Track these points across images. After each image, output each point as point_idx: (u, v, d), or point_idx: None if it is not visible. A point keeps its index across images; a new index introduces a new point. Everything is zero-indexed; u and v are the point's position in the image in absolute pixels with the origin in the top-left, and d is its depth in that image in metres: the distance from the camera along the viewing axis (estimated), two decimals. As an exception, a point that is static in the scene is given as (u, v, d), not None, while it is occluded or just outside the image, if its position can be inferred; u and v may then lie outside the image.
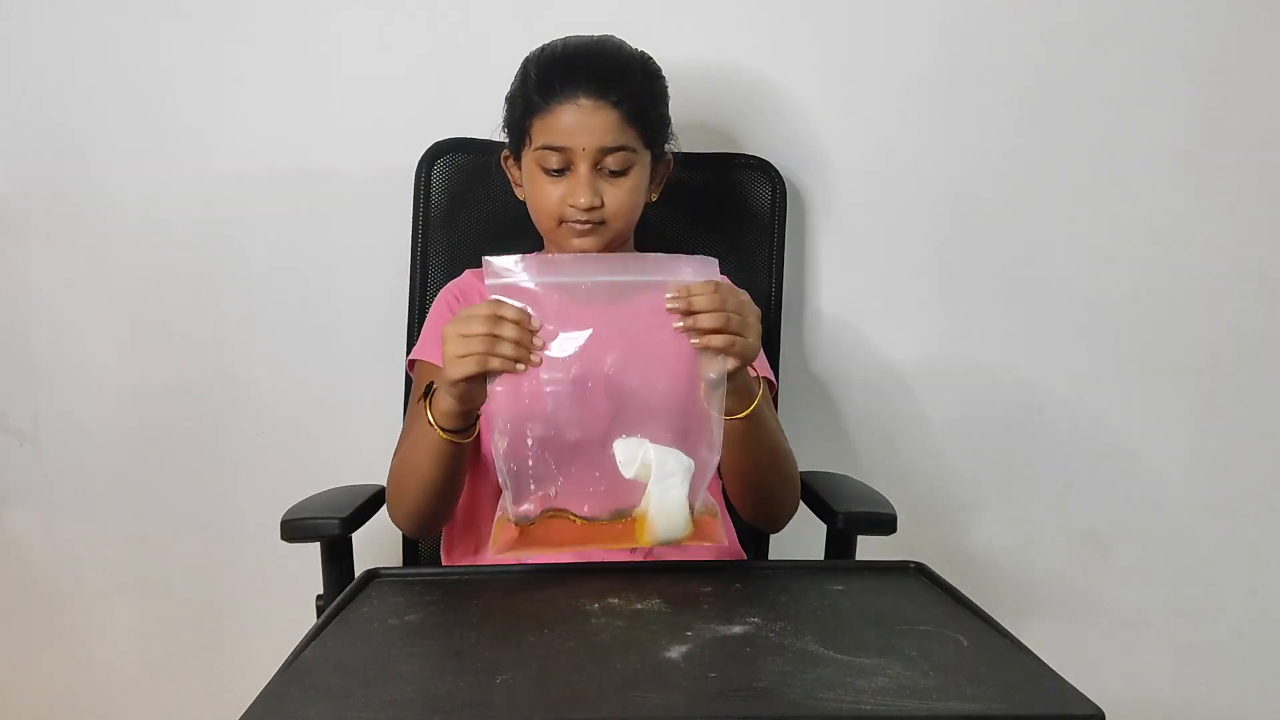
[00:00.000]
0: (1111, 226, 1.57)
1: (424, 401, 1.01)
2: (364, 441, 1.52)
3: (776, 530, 1.21)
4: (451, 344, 0.91)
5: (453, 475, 1.06)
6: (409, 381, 1.36)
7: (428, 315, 1.27)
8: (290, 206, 1.53)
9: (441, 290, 1.27)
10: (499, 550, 0.93)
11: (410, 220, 1.40)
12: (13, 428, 1.59)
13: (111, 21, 1.48)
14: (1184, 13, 1.52)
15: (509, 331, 0.90)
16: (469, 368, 0.90)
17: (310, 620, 0.89)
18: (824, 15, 1.51)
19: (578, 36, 1.18)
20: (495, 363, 0.90)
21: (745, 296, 0.97)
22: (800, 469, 1.33)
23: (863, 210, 1.55)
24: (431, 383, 1.00)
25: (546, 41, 1.18)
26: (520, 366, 0.90)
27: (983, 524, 1.65)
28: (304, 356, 1.57)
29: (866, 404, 1.61)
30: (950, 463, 1.63)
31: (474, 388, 0.93)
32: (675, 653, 0.77)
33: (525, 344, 0.90)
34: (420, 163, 1.40)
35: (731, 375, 0.94)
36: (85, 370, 1.57)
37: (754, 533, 1.40)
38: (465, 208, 1.41)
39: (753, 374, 1.01)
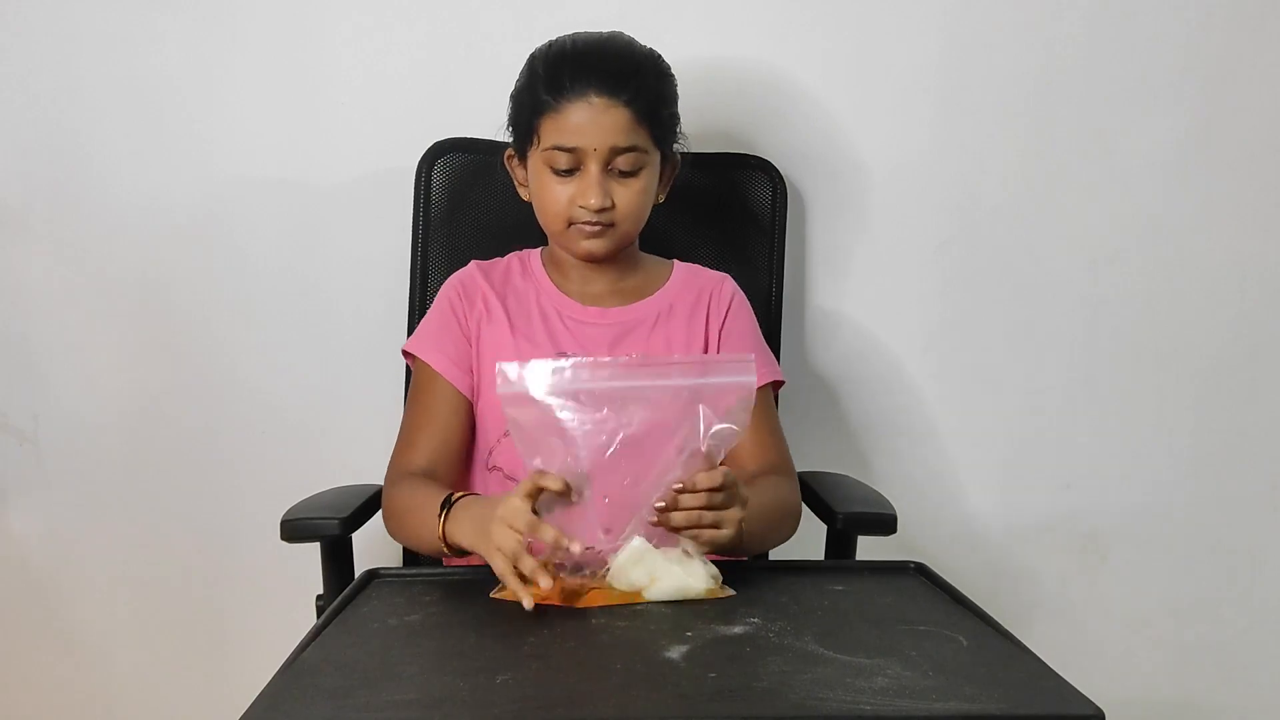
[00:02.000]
0: (1112, 227, 1.57)
1: (441, 514, 0.99)
2: (364, 441, 1.51)
3: None
4: (498, 526, 0.90)
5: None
6: (409, 380, 1.36)
7: (430, 307, 1.26)
8: (290, 206, 1.53)
9: (445, 283, 1.26)
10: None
11: (410, 220, 1.39)
12: (13, 428, 1.59)
13: (112, 21, 1.48)
14: (1184, 13, 1.52)
15: (548, 536, 0.88)
16: (499, 566, 0.89)
17: (310, 620, 0.89)
18: (825, 16, 1.51)
19: (586, 33, 1.16)
20: (513, 582, 0.88)
21: (740, 494, 0.94)
22: (800, 469, 1.33)
23: (863, 210, 1.55)
24: (450, 496, 1.00)
25: (552, 39, 1.17)
26: (527, 601, 0.86)
27: (983, 524, 1.65)
28: (304, 356, 1.56)
29: (867, 404, 1.61)
30: (950, 463, 1.63)
31: None
32: (675, 653, 0.77)
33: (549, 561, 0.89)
34: (421, 162, 1.40)
35: None
36: (85, 370, 1.57)
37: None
38: (466, 208, 1.41)
39: (725, 540, 0.95)
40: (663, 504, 0.91)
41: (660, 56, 1.18)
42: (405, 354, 1.25)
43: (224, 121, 1.51)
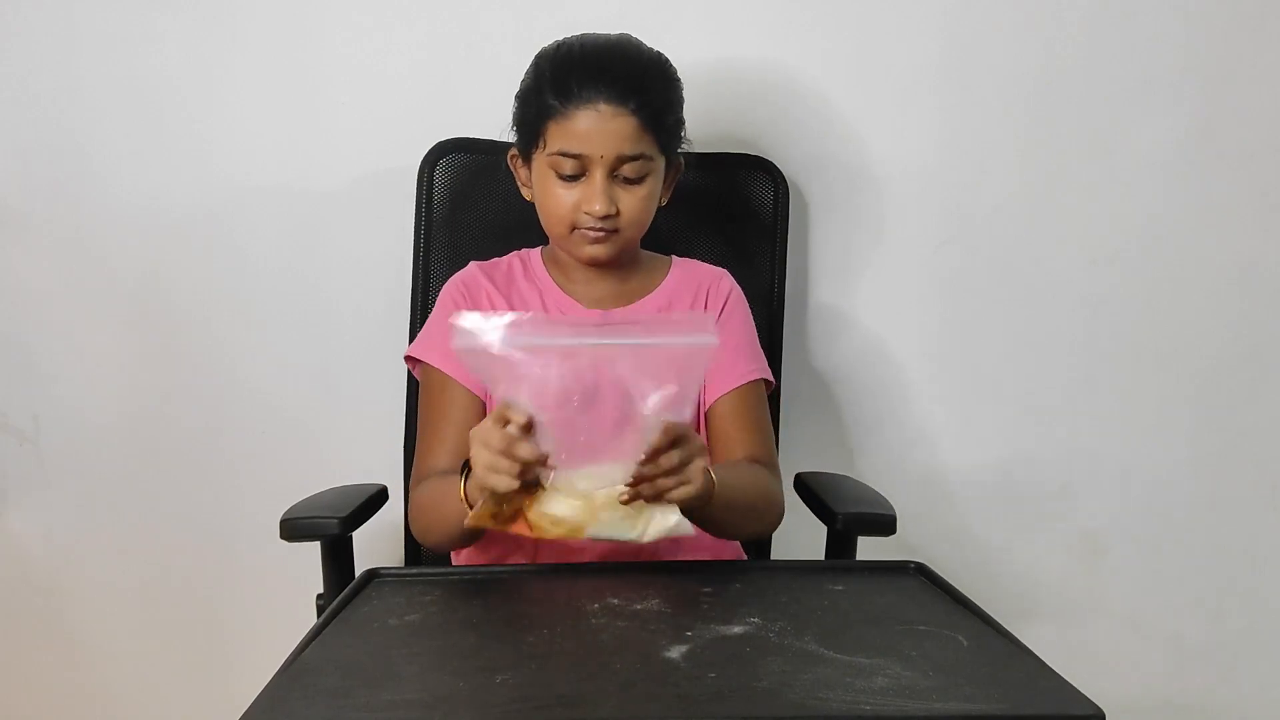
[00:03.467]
0: (1112, 227, 1.57)
1: (461, 475, 0.99)
2: (364, 441, 1.52)
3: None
4: (476, 446, 0.91)
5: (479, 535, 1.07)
6: (410, 380, 1.36)
7: (432, 311, 1.26)
8: (292, 206, 1.53)
9: (446, 284, 1.26)
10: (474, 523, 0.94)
11: (413, 220, 1.39)
12: (13, 428, 1.59)
13: (112, 21, 1.48)
14: (1184, 13, 1.52)
15: (525, 453, 0.89)
16: (486, 486, 0.90)
17: (311, 620, 0.89)
18: (827, 16, 1.51)
19: (594, 35, 1.15)
20: (502, 488, 0.90)
21: (694, 443, 0.93)
22: (800, 469, 1.34)
23: (865, 210, 1.55)
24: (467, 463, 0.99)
25: (558, 39, 1.16)
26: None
27: (983, 524, 1.65)
28: (305, 356, 1.57)
29: (867, 404, 1.61)
30: (950, 463, 1.63)
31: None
32: (675, 653, 0.77)
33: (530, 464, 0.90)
34: (423, 163, 1.40)
35: None
36: (85, 370, 1.57)
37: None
38: (468, 208, 1.41)
39: (695, 491, 0.95)
40: (626, 492, 0.91)
41: (667, 60, 1.17)
42: (409, 360, 1.24)
43: (225, 122, 1.51)
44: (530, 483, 0.91)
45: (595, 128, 1.09)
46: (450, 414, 1.17)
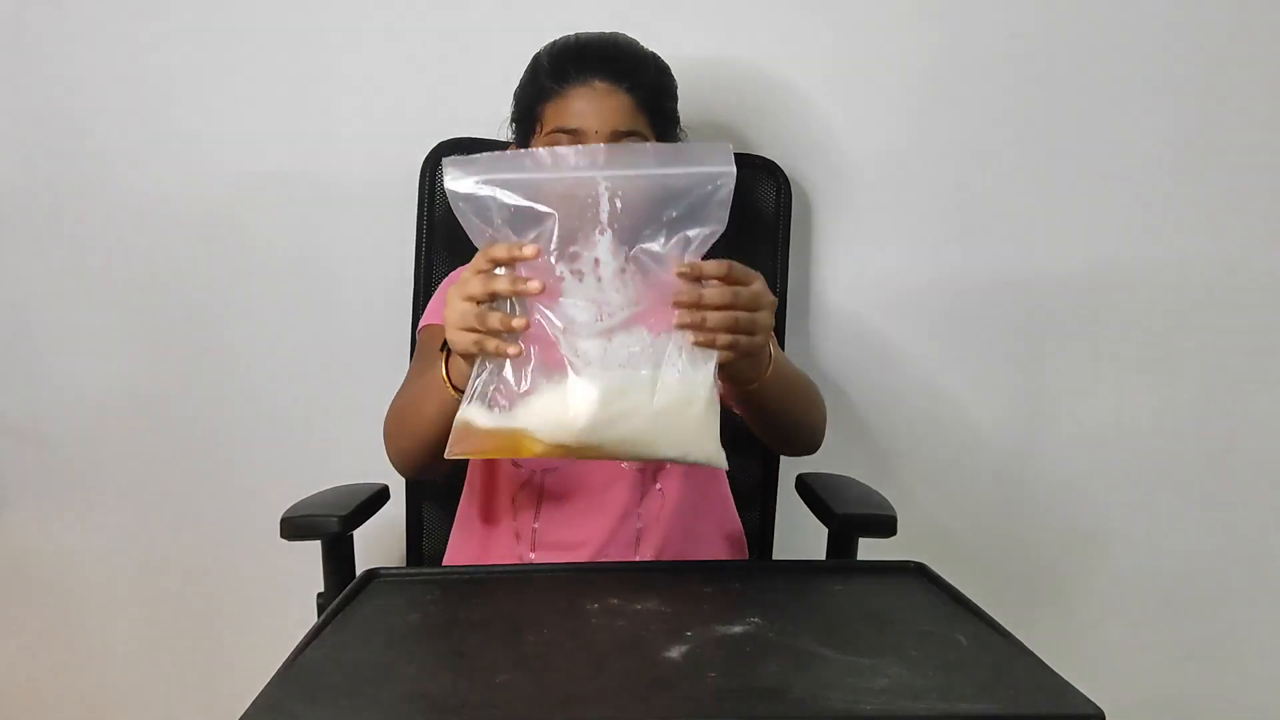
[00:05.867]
0: (1114, 226, 1.57)
1: (442, 355, 0.96)
2: (365, 441, 1.51)
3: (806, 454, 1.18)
4: (452, 311, 0.87)
5: None
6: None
7: (433, 296, 1.26)
8: (293, 207, 1.53)
9: (450, 276, 1.26)
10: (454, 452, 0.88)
11: (415, 221, 1.39)
12: (13, 428, 1.59)
13: (113, 21, 1.48)
14: (1185, 12, 1.52)
15: (502, 285, 0.83)
16: (466, 345, 0.86)
17: (311, 618, 0.89)
18: (828, 15, 1.51)
19: (589, 32, 1.18)
20: (490, 345, 0.85)
21: (758, 284, 0.90)
22: (800, 469, 1.33)
23: (867, 210, 1.55)
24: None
25: (555, 38, 1.18)
26: (513, 349, 0.84)
27: (983, 524, 1.65)
28: (306, 356, 1.57)
29: (869, 404, 1.61)
30: (951, 462, 1.63)
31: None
32: (675, 653, 0.77)
33: (521, 294, 0.83)
34: (425, 163, 1.40)
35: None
36: (85, 370, 1.57)
37: (755, 532, 1.40)
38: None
39: (762, 342, 0.91)
40: (685, 294, 0.83)
41: (660, 58, 1.19)
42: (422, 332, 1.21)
43: (226, 122, 1.51)
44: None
45: (590, 104, 1.11)
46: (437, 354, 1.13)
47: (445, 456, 0.88)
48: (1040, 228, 1.57)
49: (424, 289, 1.38)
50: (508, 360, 0.85)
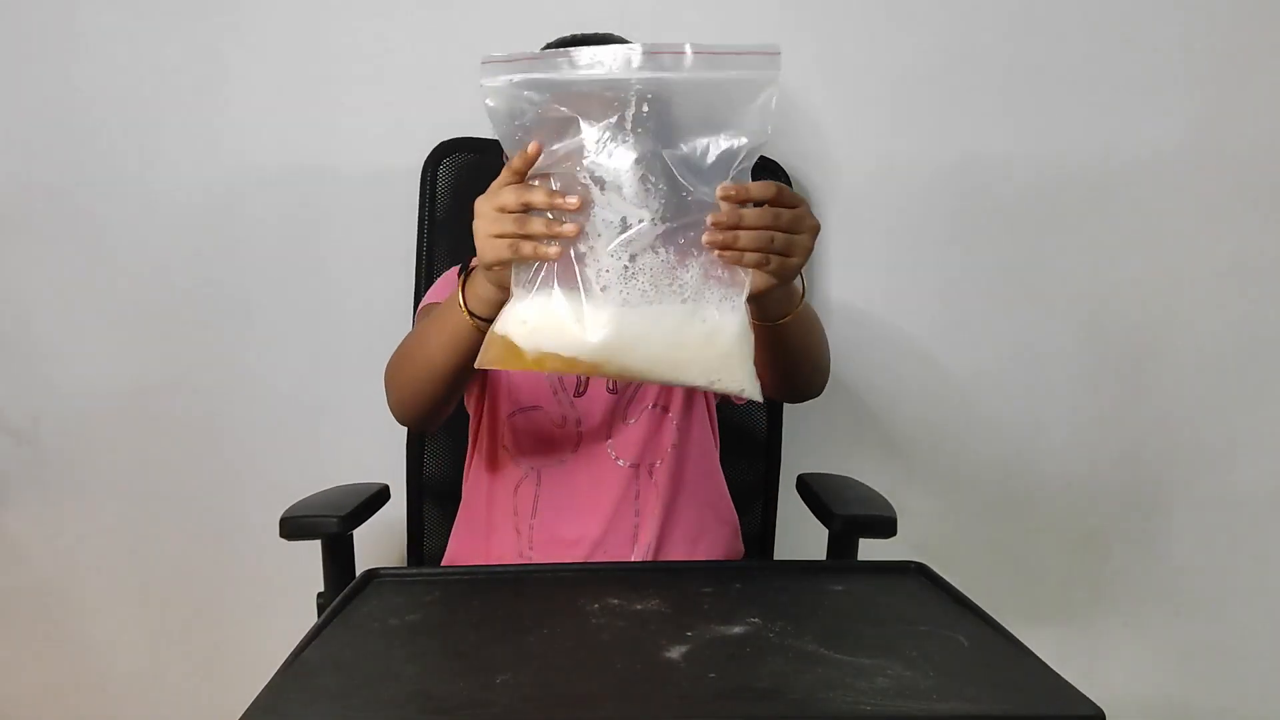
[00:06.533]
0: (1114, 226, 1.57)
1: (460, 281, 0.93)
2: (365, 441, 1.52)
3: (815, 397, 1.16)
4: (483, 220, 0.83)
5: (467, 368, 0.95)
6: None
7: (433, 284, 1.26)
8: (294, 206, 1.53)
9: (450, 271, 1.26)
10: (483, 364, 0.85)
11: (415, 220, 1.40)
12: (13, 428, 1.59)
13: (114, 21, 1.48)
14: (1185, 12, 1.52)
15: (539, 198, 0.80)
16: (499, 251, 0.82)
17: (311, 618, 0.89)
18: (829, 14, 1.51)
19: (586, 33, 1.18)
20: (527, 248, 0.81)
21: (803, 207, 0.85)
22: (800, 469, 1.33)
23: (867, 210, 1.55)
24: (468, 261, 0.91)
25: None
26: (553, 250, 0.80)
27: (983, 524, 1.65)
28: (306, 356, 1.57)
29: (870, 404, 1.61)
30: (950, 462, 1.63)
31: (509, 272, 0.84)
32: (675, 653, 0.77)
33: (557, 215, 0.80)
34: (426, 162, 1.40)
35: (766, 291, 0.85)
36: (85, 370, 1.57)
37: (755, 533, 1.40)
38: (470, 208, 1.40)
39: (800, 263, 0.86)
40: (724, 216, 0.79)
41: None
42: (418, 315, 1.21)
43: (226, 122, 1.51)
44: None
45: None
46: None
47: (475, 366, 0.86)
48: (1042, 227, 1.57)
49: (424, 288, 1.38)
50: (535, 270, 0.81)
